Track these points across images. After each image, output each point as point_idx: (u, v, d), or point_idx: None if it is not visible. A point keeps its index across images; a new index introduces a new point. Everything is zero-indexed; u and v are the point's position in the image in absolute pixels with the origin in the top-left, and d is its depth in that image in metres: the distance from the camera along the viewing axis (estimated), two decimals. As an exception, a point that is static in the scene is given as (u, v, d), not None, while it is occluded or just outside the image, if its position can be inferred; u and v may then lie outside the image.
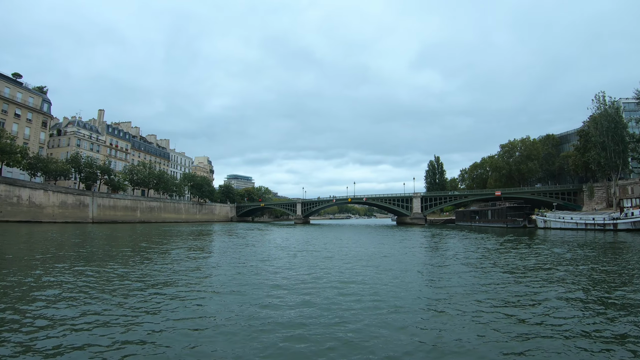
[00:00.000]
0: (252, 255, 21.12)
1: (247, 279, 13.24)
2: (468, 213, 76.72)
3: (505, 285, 11.87)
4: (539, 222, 50.16)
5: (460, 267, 16.25)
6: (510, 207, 58.52)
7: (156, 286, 11.52)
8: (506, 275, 13.95)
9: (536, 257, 19.89)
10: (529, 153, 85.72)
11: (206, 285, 11.98)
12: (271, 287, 11.69)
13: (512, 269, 15.47)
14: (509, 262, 17.71)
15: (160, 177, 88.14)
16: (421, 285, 12.26)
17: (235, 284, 12.23)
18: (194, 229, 58.06)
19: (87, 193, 70.57)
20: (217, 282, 12.47)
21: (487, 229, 54.00)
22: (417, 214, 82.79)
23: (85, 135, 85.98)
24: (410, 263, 17.74)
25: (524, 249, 24.43)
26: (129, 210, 79.13)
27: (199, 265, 16.98)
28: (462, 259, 18.99)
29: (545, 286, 11.71)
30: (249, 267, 16.41)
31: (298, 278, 13.32)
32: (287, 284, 12.29)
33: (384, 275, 13.82)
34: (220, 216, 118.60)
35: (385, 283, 12.28)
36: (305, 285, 11.97)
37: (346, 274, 14.13)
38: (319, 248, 25.81)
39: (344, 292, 10.77)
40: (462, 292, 10.80)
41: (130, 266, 15.77)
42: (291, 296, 10.32)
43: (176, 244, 27.87)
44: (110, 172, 76.40)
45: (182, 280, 12.73)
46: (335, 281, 12.58)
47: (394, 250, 23.82)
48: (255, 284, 12.26)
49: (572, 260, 18.36)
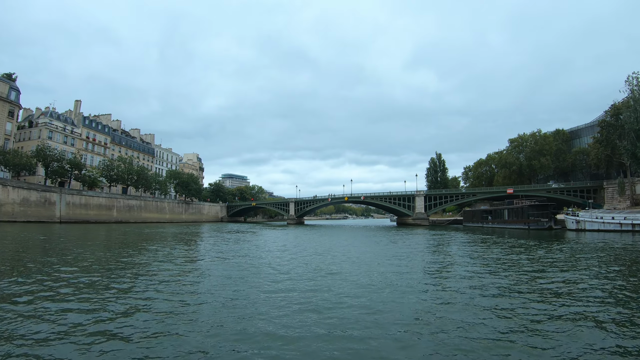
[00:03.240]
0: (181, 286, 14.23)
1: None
2: (478, 213, 69.65)
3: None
4: (568, 222, 42.94)
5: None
6: (533, 205, 51.32)
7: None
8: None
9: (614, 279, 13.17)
10: (541, 148, 79.36)
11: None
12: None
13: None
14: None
15: (140, 173, 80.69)
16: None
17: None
18: (170, 230, 51.09)
19: (54, 189, 63.21)
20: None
21: (503, 231, 47.24)
22: (420, 214, 76.03)
23: (58, 127, 78.50)
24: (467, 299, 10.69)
25: (594, 265, 17.68)
26: (104, 209, 71.74)
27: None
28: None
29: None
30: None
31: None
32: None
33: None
34: (209, 216, 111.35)
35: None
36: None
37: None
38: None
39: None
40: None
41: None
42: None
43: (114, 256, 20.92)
44: (82, 167, 68.95)
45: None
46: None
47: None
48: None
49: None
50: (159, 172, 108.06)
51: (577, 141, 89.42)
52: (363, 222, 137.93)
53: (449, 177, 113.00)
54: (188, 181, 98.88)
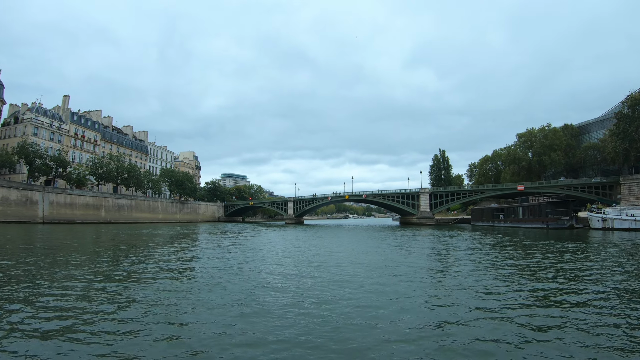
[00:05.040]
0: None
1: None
2: (489, 211, 65.57)
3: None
4: (593, 221, 39.04)
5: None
6: (552, 202, 47.27)
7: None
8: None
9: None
10: (551, 142, 75.60)
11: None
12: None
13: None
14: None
15: (130, 171, 76.84)
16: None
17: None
18: (153, 232, 47.41)
19: (36, 188, 59.47)
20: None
21: (518, 231, 43.43)
22: (426, 213, 72.11)
23: (45, 123, 74.68)
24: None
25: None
26: (91, 209, 67.93)
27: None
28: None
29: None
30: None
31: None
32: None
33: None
34: (205, 216, 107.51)
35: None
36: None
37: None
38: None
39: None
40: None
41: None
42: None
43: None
44: (67, 164, 65.11)
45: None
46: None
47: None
48: None
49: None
50: (153, 170, 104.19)
51: (586, 136, 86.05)
52: (365, 222, 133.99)
53: (452, 174, 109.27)
54: (182, 180, 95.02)
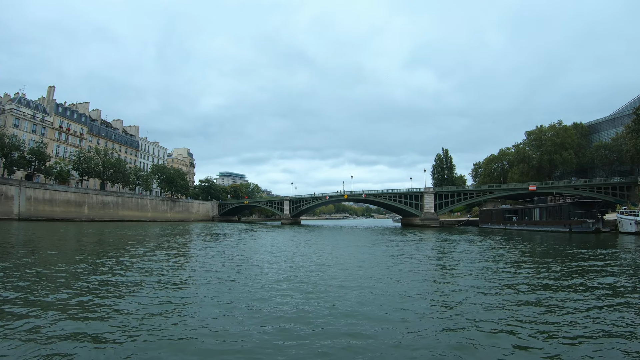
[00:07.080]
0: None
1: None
2: (499, 213, 61.29)
3: None
4: (624, 224, 34.88)
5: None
6: (575, 203, 43.02)
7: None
8: None
9: None
10: (562, 141, 71.65)
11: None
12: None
13: None
14: None
15: (116, 166, 72.44)
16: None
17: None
18: (135, 232, 43.20)
19: (12, 182, 55.12)
20: None
21: (535, 235, 39.30)
22: (430, 214, 67.87)
23: (27, 115, 70.29)
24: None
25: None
26: (73, 206, 63.53)
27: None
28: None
29: None
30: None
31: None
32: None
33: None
34: (198, 215, 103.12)
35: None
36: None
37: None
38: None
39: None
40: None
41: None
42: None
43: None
44: (46, 157, 60.74)
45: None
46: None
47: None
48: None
49: None
50: (144, 166, 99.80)
51: (596, 136, 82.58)
52: (364, 223, 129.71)
53: (455, 175, 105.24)
54: (174, 176, 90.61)
